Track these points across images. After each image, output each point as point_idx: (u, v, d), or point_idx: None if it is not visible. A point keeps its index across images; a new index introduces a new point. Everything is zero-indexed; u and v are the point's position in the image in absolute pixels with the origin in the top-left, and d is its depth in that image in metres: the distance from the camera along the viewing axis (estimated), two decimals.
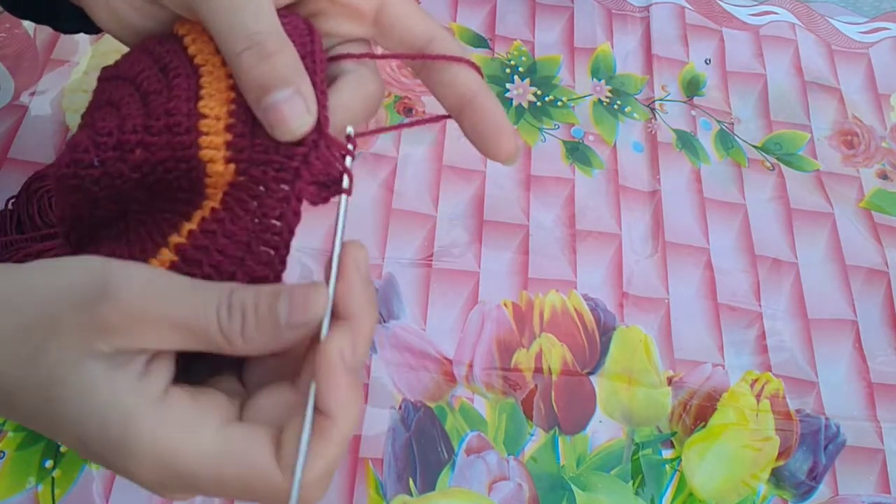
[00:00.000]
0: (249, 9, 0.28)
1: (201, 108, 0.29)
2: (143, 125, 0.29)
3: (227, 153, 0.28)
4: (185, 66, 0.30)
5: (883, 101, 0.70)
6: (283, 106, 0.27)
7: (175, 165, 0.29)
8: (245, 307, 0.26)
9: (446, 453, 0.49)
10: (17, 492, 0.44)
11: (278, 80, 0.28)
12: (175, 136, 0.28)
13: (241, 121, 0.29)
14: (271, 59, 0.28)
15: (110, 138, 0.29)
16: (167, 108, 0.29)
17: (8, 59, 0.57)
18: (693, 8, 0.72)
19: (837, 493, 0.51)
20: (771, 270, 0.59)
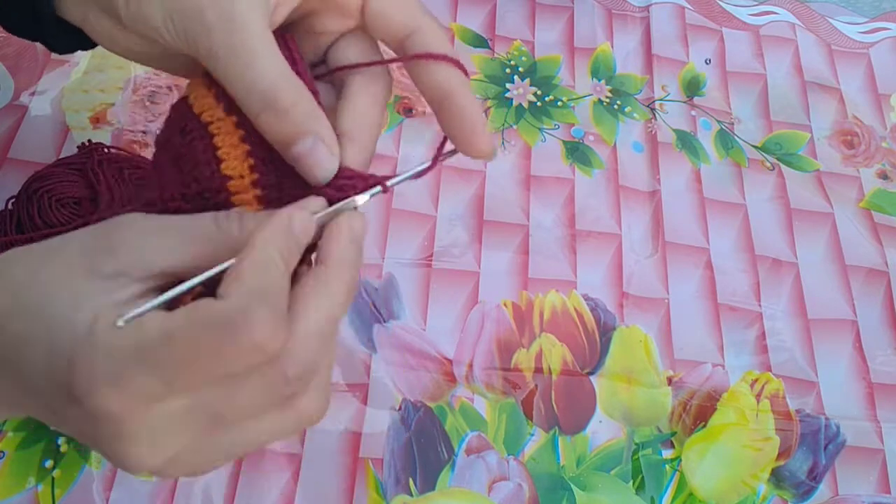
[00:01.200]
0: (257, 66, 0.29)
1: (224, 171, 0.30)
2: (180, 193, 0.31)
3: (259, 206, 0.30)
4: (198, 129, 0.31)
5: (883, 101, 0.70)
6: (308, 156, 0.29)
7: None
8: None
9: (446, 453, 0.49)
10: (17, 492, 0.44)
11: (298, 132, 0.29)
12: (207, 200, 0.30)
13: (263, 173, 0.30)
14: (288, 115, 0.29)
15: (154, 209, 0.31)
16: (194, 176, 0.30)
17: (8, 59, 0.57)
18: (693, 8, 0.72)
19: (837, 493, 0.51)
20: (771, 270, 0.59)
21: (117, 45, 0.33)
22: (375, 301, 0.53)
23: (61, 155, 0.54)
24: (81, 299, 0.26)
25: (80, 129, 0.56)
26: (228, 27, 0.29)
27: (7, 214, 0.48)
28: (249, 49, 0.29)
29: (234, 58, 0.29)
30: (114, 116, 0.57)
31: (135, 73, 0.59)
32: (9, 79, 0.57)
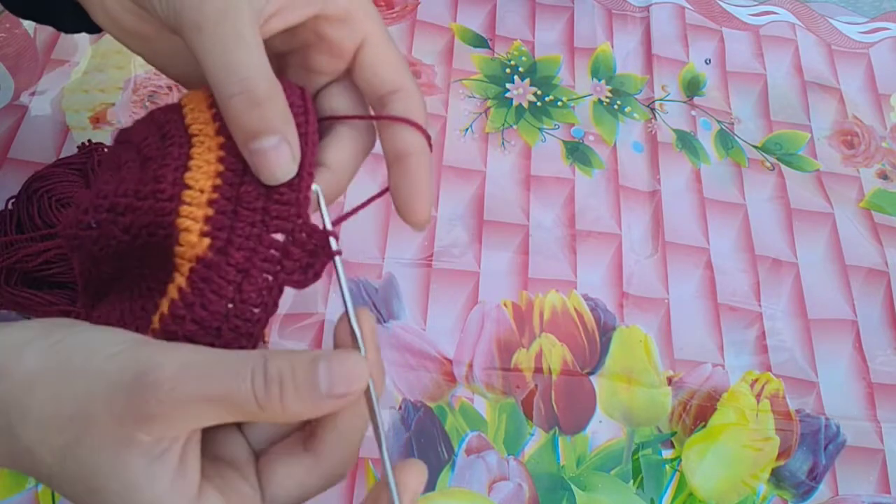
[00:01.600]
0: (241, 51, 0.28)
1: (186, 179, 0.29)
2: (134, 190, 0.29)
3: (205, 227, 0.29)
4: (181, 135, 0.30)
5: (883, 101, 0.70)
6: (271, 153, 0.28)
7: (155, 230, 0.29)
8: (283, 376, 0.26)
9: (446, 453, 0.49)
10: (18, 492, 0.44)
11: (266, 128, 0.28)
12: (158, 201, 0.29)
13: (225, 198, 0.29)
14: (261, 106, 0.28)
15: (105, 201, 0.29)
16: (155, 175, 0.29)
17: (8, 58, 0.57)
18: (693, 8, 0.72)
19: (837, 493, 0.51)
20: (771, 270, 0.59)
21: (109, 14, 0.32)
22: (375, 301, 0.53)
23: (61, 155, 0.54)
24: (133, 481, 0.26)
25: (80, 129, 0.56)
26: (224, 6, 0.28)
27: (7, 214, 0.48)
28: (238, 32, 0.28)
29: (220, 36, 0.28)
30: (114, 116, 0.57)
31: (135, 74, 0.59)
32: (9, 79, 0.57)
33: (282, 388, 0.26)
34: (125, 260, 0.31)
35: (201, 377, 0.26)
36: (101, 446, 0.26)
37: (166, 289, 0.29)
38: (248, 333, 0.29)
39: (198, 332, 0.28)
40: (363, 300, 0.52)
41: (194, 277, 0.29)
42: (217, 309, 0.28)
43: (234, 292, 0.29)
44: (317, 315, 0.51)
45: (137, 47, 0.34)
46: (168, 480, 0.26)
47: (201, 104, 0.31)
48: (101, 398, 0.26)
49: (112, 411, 0.25)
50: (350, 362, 0.27)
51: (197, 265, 0.29)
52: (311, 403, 0.26)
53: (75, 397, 0.26)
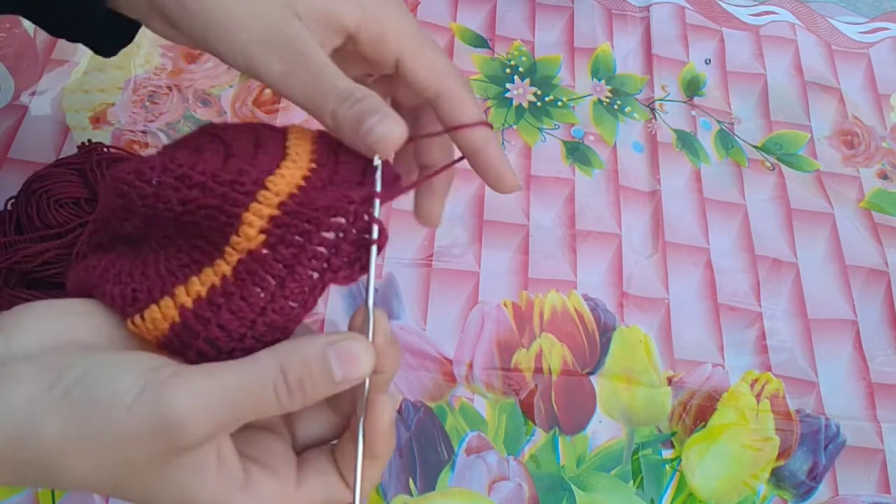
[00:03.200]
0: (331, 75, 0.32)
1: (267, 182, 0.30)
2: (213, 172, 0.30)
3: (266, 225, 0.29)
4: (277, 150, 0.32)
5: (883, 101, 0.70)
6: (379, 125, 0.30)
7: (216, 215, 0.30)
8: (303, 381, 0.28)
9: (446, 453, 0.49)
10: (18, 492, 0.44)
11: (369, 111, 0.31)
12: (234, 191, 0.30)
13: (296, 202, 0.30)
14: (362, 101, 0.31)
15: (179, 168, 0.30)
16: (240, 168, 0.30)
17: (8, 59, 0.57)
18: (693, 8, 0.72)
19: (837, 493, 0.51)
20: (771, 270, 0.59)
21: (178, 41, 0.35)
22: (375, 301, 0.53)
23: (61, 155, 0.54)
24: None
25: (80, 129, 0.56)
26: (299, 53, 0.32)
27: (6, 215, 0.48)
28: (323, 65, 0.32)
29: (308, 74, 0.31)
30: (114, 116, 0.57)
31: (135, 74, 0.59)
32: (9, 79, 0.57)
33: (304, 392, 0.28)
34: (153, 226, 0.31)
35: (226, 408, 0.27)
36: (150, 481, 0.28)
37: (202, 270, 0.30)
38: (283, 327, 0.30)
39: (232, 321, 0.29)
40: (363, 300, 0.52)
41: (240, 269, 0.29)
42: (256, 302, 0.29)
43: (277, 287, 0.29)
44: (317, 315, 0.51)
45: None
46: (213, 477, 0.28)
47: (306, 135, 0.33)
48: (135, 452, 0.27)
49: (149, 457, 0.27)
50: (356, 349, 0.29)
51: (246, 257, 0.29)
52: (328, 392, 0.28)
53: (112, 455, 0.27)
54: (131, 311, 0.30)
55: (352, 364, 0.28)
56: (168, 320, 0.29)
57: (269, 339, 0.29)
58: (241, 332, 0.29)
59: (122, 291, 0.30)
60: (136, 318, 0.30)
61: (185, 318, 0.29)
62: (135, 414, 0.26)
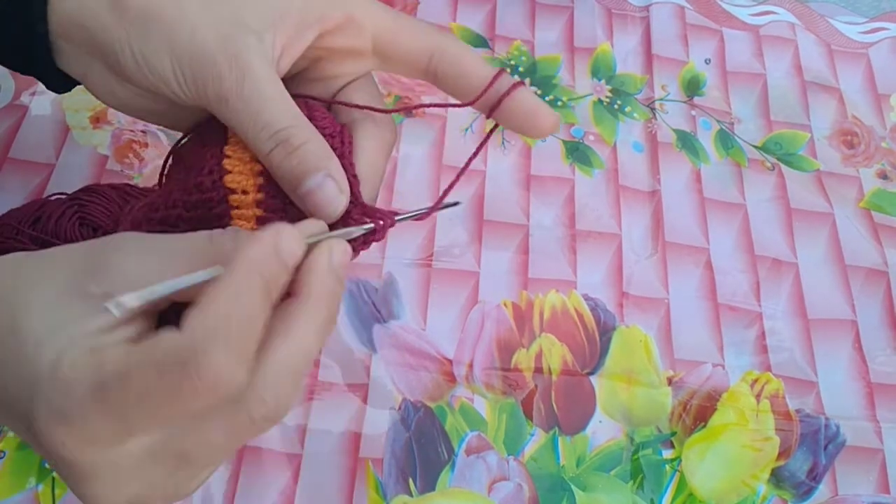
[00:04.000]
0: (267, 110, 0.29)
1: (227, 183, 0.30)
2: (182, 200, 0.30)
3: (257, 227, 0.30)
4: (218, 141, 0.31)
5: (883, 101, 0.70)
6: (318, 192, 0.29)
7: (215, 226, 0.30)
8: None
9: (446, 453, 0.49)
10: (18, 491, 0.44)
11: (308, 170, 0.29)
12: (209, 209, 0.30)
13: (271, 196, 0.30)
14: (298, 151, 0.29)
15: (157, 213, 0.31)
16: (196, 183, 0.30)
17: None
18: (693, 8, 0.72)
19: (837, 493, 0.51)
20: (771, 270, 0.59)
21: (117, 99, 0.33)
22: (375, 301, 0.53)
23: (61, 155, 0.54)
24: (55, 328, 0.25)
25: (80, 129, 0.56)
26: (241, 73, 0.29)
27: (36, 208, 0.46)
28: (262, 93, 0.30)
29: (245, 102, 0.29)
30: (114, 116, 0.57)
31: None
32: (9, 79, 0.57)
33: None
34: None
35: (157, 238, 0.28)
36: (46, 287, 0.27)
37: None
38: None
39: None
40: (363, 300, 0.52)
41: None
42: None
43: None
44: None
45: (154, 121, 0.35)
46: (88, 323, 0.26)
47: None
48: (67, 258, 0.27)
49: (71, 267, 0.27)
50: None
51: None
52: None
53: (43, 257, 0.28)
54: None
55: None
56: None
57: None
58: None
59: None
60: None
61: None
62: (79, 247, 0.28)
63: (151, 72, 0.30)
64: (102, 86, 0.33)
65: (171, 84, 0.30)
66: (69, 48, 0.32)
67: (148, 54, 0.30)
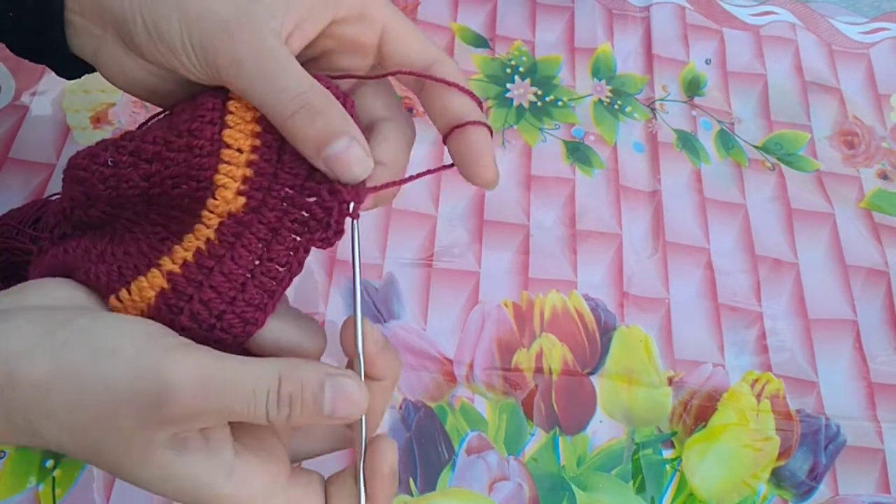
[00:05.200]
0: (286, 72, 0.29)
1: (225, 137, 0.29)
2: (164, 138, 0.29)
3: (242, 186, 0.29)
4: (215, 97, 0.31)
5: (883, 102, 0.70)
6: (344, 155, 0.29)
7: (185, 182, 0.29)
8: (293, 399, 0.27)
9: (446, 453, 0.49)
10: (19, 491, 0.44)
11: (334, 133, 0.29)
12: (195, 157, 0.29)
13: (265, 160, 0.30)
14: (323, 114, 0.29)
15: (130, 143, 0.30)
16: (190, 129, 0.29)
17: (9, 59, 0.57)
18: (693, 8, 0.72)
19: (837, 493, 0.51)
20: (771, 270, 0.59)
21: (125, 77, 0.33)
22: (375, 301, 0.53)
23: (62, 155, 0.54)
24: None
25: (80, 129, 0.56)
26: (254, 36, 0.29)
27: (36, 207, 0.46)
28: (276, 56, 0.29)
29: (261, 64, 0.29)
30: (114, 116, 0.57)
31: None
32: (10, 79, 0.57)
33: (291, 410, 0.27)
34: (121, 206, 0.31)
35: (218, 395, 0.27)
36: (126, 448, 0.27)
37: (183, 238, 0.30)
38: (271, 290, 0.30)
39: (223, 283, 0.29)
40: (363, 300, 0.52)
41: (224, 231, 0.29)
42: (244, 264, 0.29)
43: (263, 249, 0.29)
44: (317, 315, 0.51)
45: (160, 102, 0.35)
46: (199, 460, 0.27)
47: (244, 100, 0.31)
48: (121, 404, 0.26)
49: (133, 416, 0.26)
50: (353, 390, 0.28)
51: (228, 220, 0.29)
52: (314, 420, 0.28)
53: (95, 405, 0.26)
54: (117, 286, 0.30)
55: (344, 402, 0.28)
56: (156, 288, 0.29)
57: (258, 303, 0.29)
58: (231, 296, 0.29)
59: (108, 269, 0.30)
60: (121, 293, 0.29)
61: (174, 282, 0.29)
62: (132, 368, 0.26)
63: (161, 40, 0.30)
64: (112, 61, 0.33)
65: (179, 54, 0.30)
66: (82, 22, 0.32)
67: (158, 21, 0.30)
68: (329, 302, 0.52)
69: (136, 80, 0.33)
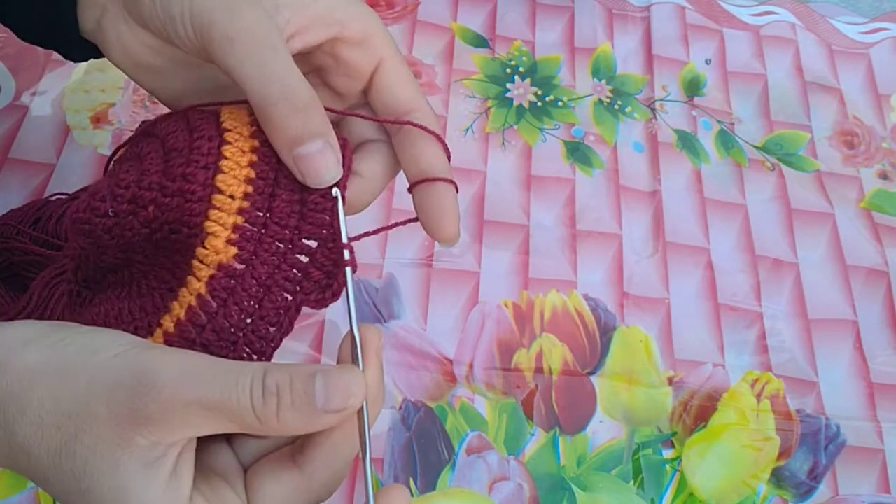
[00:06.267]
0: (278, 60, 0.29)
1: (217, 182, 0.29)
2: (160, 184, 0.29)
3: (233, 235, 0.29)
4: (212, 130, 0.30)
5: (883, 102, 0.70)
6: (317, 157, 0.29)
7: (179, 228, 0.29)
8: (280, 388, 0.26)
9: (447, 453, 0.49)
10: (19, 491, 0.44)
11: (311, 133, 0.29)
12: (187, 202, 0.29)
13: (256, 208, 0.29)
14: (305, 112, 0.29)
15: (127, 191, 0.29)
16: (184, 173, 0.29)
17: (9, 59, 0.57)
18: (693, 8, 0.72)
19: (837, 493, 0.51)
20: (771, 270, 0.59)
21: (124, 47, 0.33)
22: (375, 301, 0.53)
23: (62, 155, 0.54)
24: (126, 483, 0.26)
25: (80, 129, 0.56)
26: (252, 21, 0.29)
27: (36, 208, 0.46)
28: (272, 44, 0.29)
29: (256, 47, 0.29)
30: (114, 116, 0.57)
31: None
32: (10, 79, 0.57)
33: (279, 400, 0.26)
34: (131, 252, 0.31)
35: (201, 384, 0.26)
36: (98, 445, 0.26)
37: (178, 293, 0.29)
38: (260, 351, 0.29)
39: (215, 342, 0.28)
40: (364, 300, 0.52)
41: (215, 286, 0.28)
42: (236, 323, 0.28)
43: (255, 307, 0.29)
44: (317, 315, 0.51)
45: (149, 82, 0.35)
46: (160, 487, 0.26)
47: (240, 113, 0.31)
48: (101, 397, 0.26)
49: (111, 410, 0.25)
50: (347, 378, 0.27)
51: (218, 273, 0.29)
52: (307, 417, 0.26)
53: (75, 395, 0.26)
54: None
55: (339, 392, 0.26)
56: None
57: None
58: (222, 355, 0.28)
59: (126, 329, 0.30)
60: None
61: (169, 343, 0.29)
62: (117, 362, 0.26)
63: (163, 8, 0.30)
64: (112, 31, 0.33)
65: (175, 22, 0.30)
66: None
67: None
68: None
69: (131, 52, 0.33)
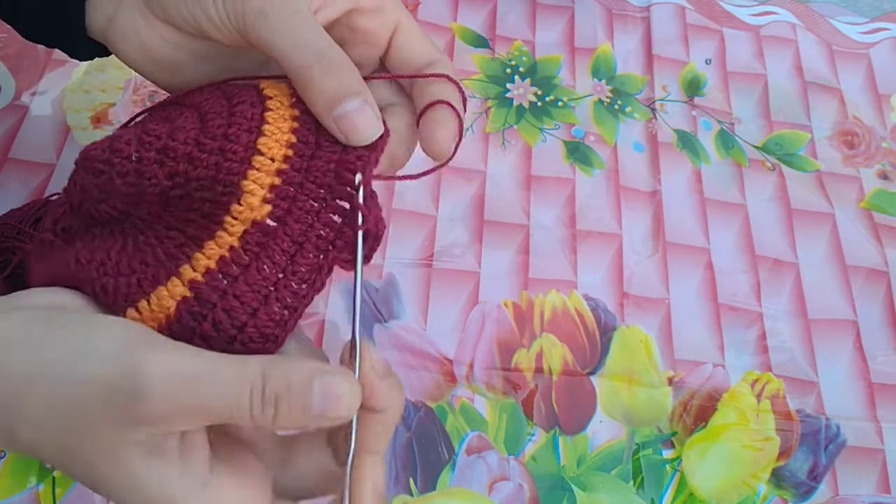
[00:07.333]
0: (310, 27, 0.30)
1: (259, 145, 0.29)
2: (195, 139, 0.29)
3: (269, 194, 0.29)
4: (252, 97, 0.30)
5: (883, 102, 0.70)
6: (355, 115, 0.29)
7: (211, 185, 0.29)
8: (278, 398, 0.26)
9: (447, 453, 0.49)
10: (19, 491, 0.44)
11: (349, 91, 0.29)
12: (226, 160, 0.29)
13: (295, 169, 0.29)
14: (341, 71, 0.29)
15: (158, 141, 0.29)
16: (226, 133, 0.29)
17: (9, 59, 0.57)
18: (693, 8, 0.72)
19: (838, 493, 0.51)
20: (771, 271, 0.59)
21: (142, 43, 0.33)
22: (376, 301, 0.53)
23: (62, 155, 0.54)
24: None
25: (80, 129, 0.56)
26: None
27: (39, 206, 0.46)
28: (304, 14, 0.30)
29: (289, 17, 0.29)
30: (115, 116, 0.57)
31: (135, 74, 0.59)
32: (10, 79, 0.57)
33: (276, 409, 0.26)
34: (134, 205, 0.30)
35: (196, 390, 0.26)
36: (100, 447, 0.26)
37: (204, 244, 0.29)
38: (292, 307, 0.29)
39: (247, 293, 0.28)
40: (364, 300, 0.52)
41: (249, 240, 0.29)
42: (269, 275, 0.28)
43: (287, 262, 0.29)
44: (318, 315, 0.51)
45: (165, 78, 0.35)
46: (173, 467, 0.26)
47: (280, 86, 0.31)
48: (97, 400, 0.26)
49: (108, 413, 0.25)
50: (344, 387, 0.27)
51: (252, 229, 0.29)
52: (301, 423, 0.27)
53: (71, 400, 0.26)
54: (136, 297, 0.29)
55: (332, 401, 0.26)
56: (176, 297, 0.28)
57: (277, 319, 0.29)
58: (254, 307, 0.28)
59: (127, 281, 0.29)
60: (140, 304, 0.29)
61: (197, 290, 0.28)
62: (106, 364, 0.26)
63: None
64: (127, 27, 0.33)
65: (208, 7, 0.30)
66: None
67: None
68: (329, 302, 0.52)
69: (149, 48, 0.33)
